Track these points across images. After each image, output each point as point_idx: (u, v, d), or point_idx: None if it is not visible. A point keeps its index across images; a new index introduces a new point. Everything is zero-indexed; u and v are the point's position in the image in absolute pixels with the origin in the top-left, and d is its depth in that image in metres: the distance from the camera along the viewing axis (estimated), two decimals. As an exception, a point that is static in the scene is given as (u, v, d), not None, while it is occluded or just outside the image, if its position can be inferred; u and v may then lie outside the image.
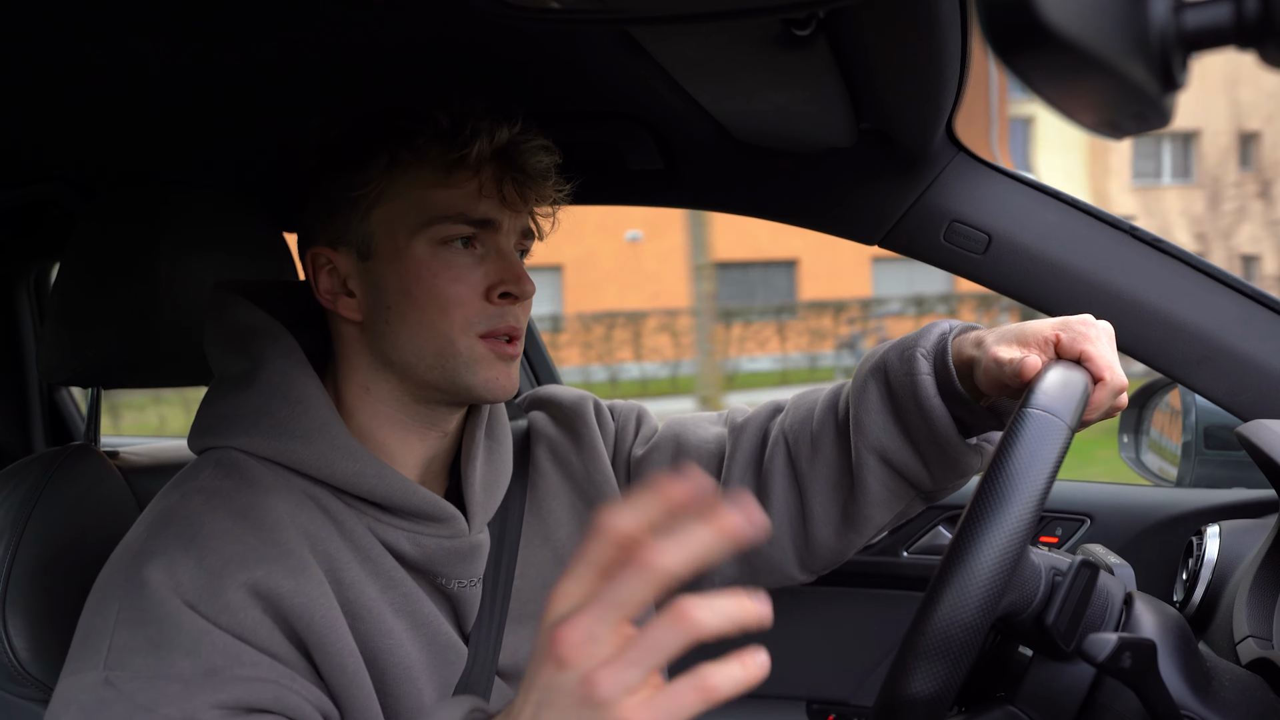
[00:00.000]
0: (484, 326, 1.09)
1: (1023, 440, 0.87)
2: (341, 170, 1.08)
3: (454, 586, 1.11)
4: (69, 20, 1.07)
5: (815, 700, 1.94)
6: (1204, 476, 1.76)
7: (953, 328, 1.17)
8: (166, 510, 1.00)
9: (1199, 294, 1.35)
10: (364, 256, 1.09)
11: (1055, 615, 0.93)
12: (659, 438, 1.33)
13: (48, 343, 1.37)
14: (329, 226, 1.10)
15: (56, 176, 1.66)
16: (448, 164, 1.07)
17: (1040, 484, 0.85)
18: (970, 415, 1.14)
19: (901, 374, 1.16)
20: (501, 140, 1.07)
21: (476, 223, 1.08)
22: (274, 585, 0.96)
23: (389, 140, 1.07)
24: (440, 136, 1.06)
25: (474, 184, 1.08)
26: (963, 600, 0.82)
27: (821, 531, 1.25)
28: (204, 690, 0.88)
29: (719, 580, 1.30)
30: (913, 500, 1.23)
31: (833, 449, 1.23)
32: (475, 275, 1.09)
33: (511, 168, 1.09)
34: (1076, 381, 0.95)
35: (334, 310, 1.11)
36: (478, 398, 1.11)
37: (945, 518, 1.84)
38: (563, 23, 0.90)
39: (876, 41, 1.03)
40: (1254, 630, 1.15)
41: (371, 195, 1.07)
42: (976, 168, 1.43)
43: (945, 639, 0.81)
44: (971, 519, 0.84)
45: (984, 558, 0.82)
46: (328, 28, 1.13)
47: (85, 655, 0.91)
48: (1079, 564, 0.94)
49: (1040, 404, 0.90)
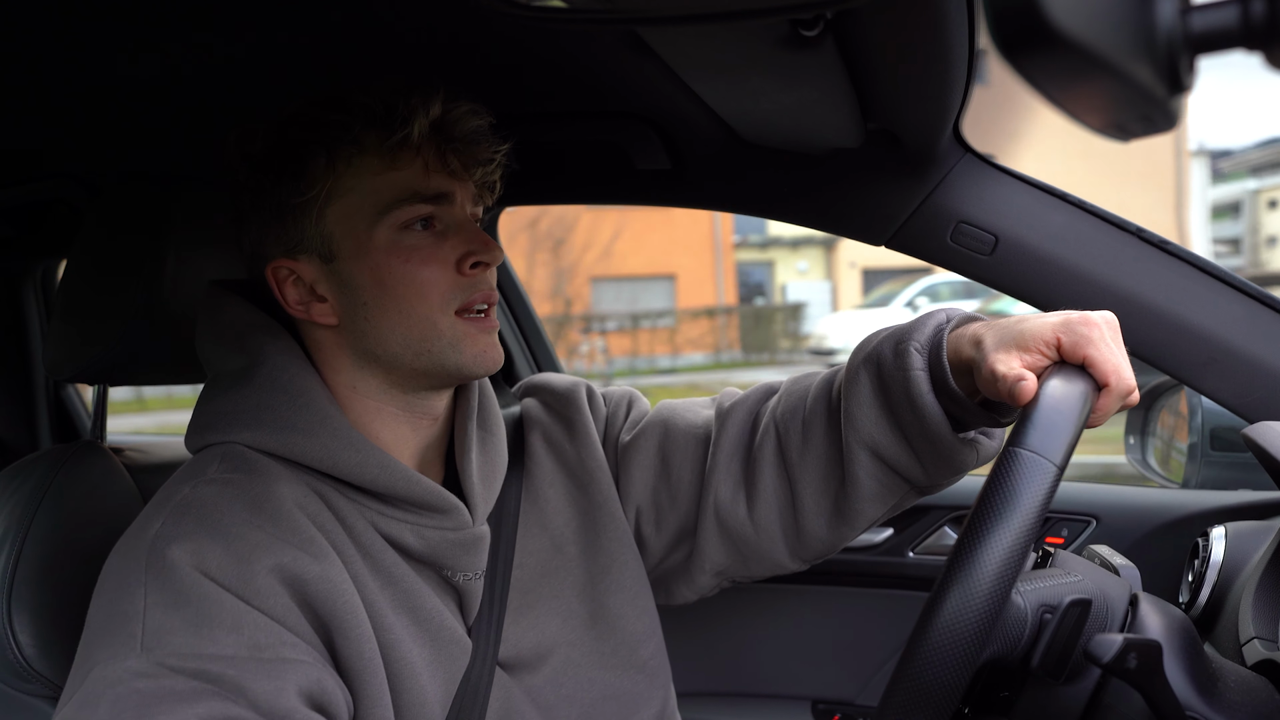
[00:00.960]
0: (460, 300, 1.09)
1: (1007, 484, 0.85)
2: (280, 178, 1.07)
3: (459, 579, 1.12)
4: (74, 19, 1.07)
5: (820, 700, 1.94)
6: (1210, 478, 1.76)
7: (950, 319, 1.13)
8: (181, 500, 0.99)
9: (1206, 296, 1.35)
10: (327, 259, 1.08)
11: (1041, 658, 0.92)
12: (646, 422, 1.33)
13: (54, 339, 1.37)
14: (281, 237, 1.08)
15: (63, 173, 1.67)
16: (390, 148, 1.06)
17: (1022, 534, 0.83)
18: (963, 411, 1.10)
19: (894, 368, 1.12)
20: (436, 114, 1.07)
21: (432, 198, 1.08)
22: (300, 570, 0.96)
23: (322, 137, 1.06)
24: (376, 122, 1.05)
25: (419, 162, 1.08)
26: (940, 656, 0.81)
27: (812, 523, 1.23)
28: (257, 669, 0.88)
29: (709, 567, 1.29)
30: (906, 494, 1.21)
31: (823, 440, 1.22)
32: (442, 252, 1.09)
33: (450, 139, 1.09)
34: (1072, 405, 0.91)
35: (307, 319, 1.10)
36: (468, 375, 1.11)
37: (951, 518, 1.84)
38: (570, 22, 0.90)
39: (884, 42, 1.03)
40: (1259, 632, 1.15)
41: (320, 196, 1.06)
42: (984, 169, 1.43)
43: (924, 694, 0.81)
44: (951, 568, 0.83)
45: (962, 611, 0.81)
46: (334, 26, 1.14)
47: (116, 642, 0.89)
48: (1067, 604, 0.93)
49: (1029, 443, 0.87)
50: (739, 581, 1.33)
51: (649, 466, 1.29)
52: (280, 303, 1.10)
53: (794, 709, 1.95)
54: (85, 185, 1.68)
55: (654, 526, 1.30)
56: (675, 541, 1.30)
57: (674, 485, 1.28)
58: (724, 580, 1.32)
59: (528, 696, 1.15)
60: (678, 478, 1.28)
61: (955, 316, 1.14)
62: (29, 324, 2.18)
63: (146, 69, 1.21)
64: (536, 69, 1.28)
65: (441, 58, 1.22)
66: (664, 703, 1.27)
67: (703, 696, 1.98)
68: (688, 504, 1.28)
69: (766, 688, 1.98)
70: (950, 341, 1.10)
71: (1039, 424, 0.88)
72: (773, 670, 1.97)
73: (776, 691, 1.97)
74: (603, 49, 1.20)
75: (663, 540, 1.30)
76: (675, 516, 1.29)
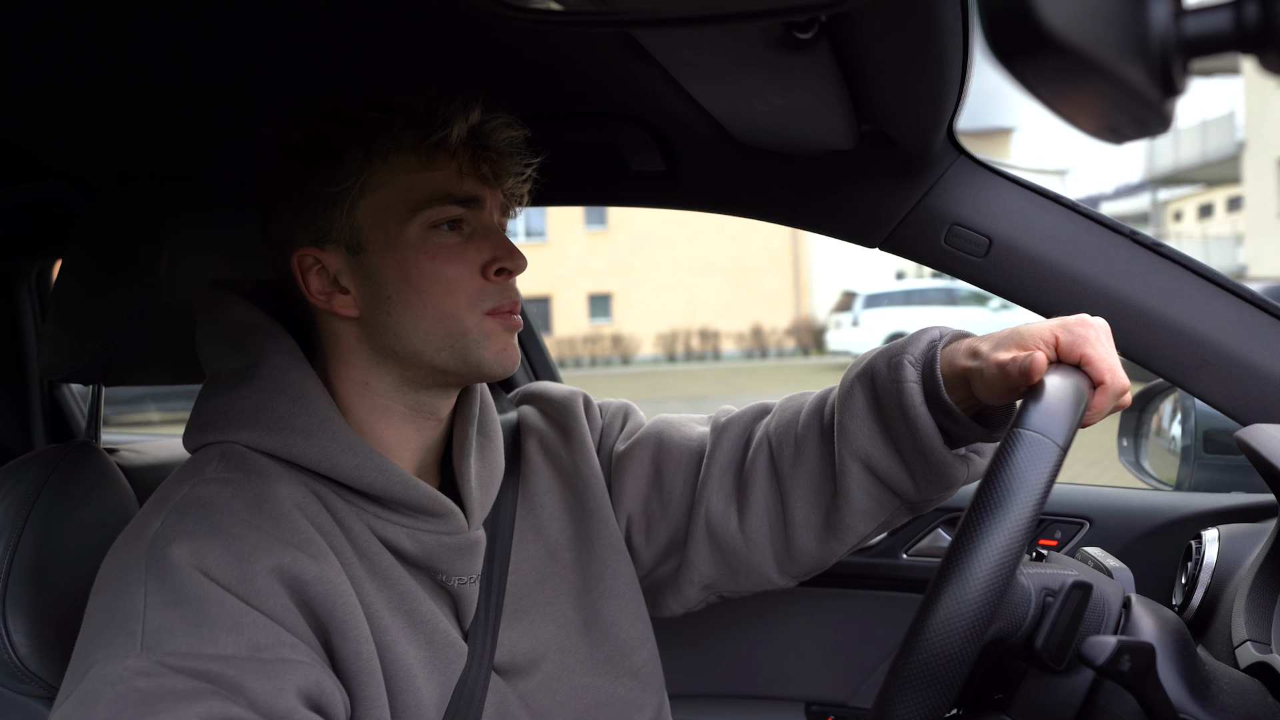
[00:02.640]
0: (489, 304, 1.10)
1: (1013, 463, 0.86)
2: (314, 169, 1.08)
3: (454, 583, 1.12)
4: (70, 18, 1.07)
5: (814, 702, 1.94)
6: (1203, 480, 1.76)
7: (943, 335, 1.15)
8: (181, 499, 0.99)
9: (1199, 298, 1.35)
10: (354, 251, 1.08)
11: (1045, 639, 0.93)
12: (641, 435, 1.33)
13: (49, 340, 1.37)
14: (310, 227, 1.09)
15: (58, 173, 1.66)
16: (428, 148, 1.07)
17: (1028, 510, 0.84)
18: (956, 426, 1.12)
19: (888, 381, 1.14)
20: (474, 121, 1.08)
21: (464, 201, 1.09)
22: (299, 571, 0.96)
23: (361, 132, 1.07)
24: (415, 122, 1.07)
25: (453, 165, 1.09)
26: (948, 631, 0.81)
27: (802, 537, 1.23)
28: (257, 669, 0.88)
29: (698, 580, 1.29)
30: (897, 510, 1.21)
31: (816, 454, 1.22)
32: (469, 254, 1.10)
33: (485, 146, 1.10)
34: (1072, 394, 0.93)
35: (329, 310, 1.11)
36: (488, 372, 1.12)
37: (945, 520, 1.85)
38: (565, 24, 0.90)
39: (878, 45, 1.03)
40: (1252, 634, 1.15)
41: (354, 189, 1.07)
42: (977, 171, 1.43)
43: (931, 668, 0.81)
44: (958, 545, 0.84)
45: (970, 587, 0.81)
46: (329, 27, 1.14)
47: (115, 641, 0.89)
48: (1070, 585, 0.94)
49: (1033, 424, 0.88)
50: (726, 596, 1.33)
51: (642, 476, 1.30)
52: (303, 292, 1.10)
53: (788, 711, 1.95)
54: (81, 185, 1.68)
55: (644, 536, 1.30)
56: (665, 553, 1.30)
57: (666, 496, 1.29)
58: (711, 594, 1.32)
59: (522, 702, 1.15)
60: (669, 488, 1.29)
61: (949, 333, 1.16)
62: (24, 324, 2.18)
63: (144, 71, 1.21)
64: (531, 71, 1.28)
65: (437, 59, 1.22)
66: (658, 709, 1.27)
67: (696, 699, 1.98)
68: (679, 516, 1.28)
69: (760, 689, 1.98)
70: (944, 355, 1.12)
71: (1042, 408, 0.90)
72: (767, 672, 1.97)
73: (770, 693, 1.97)
74: (597, 51, 1.20)
75: (652, 550, 1.30)
76: (666, 528, 1.29)
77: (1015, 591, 0.94)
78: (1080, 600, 0.94)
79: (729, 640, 1.98)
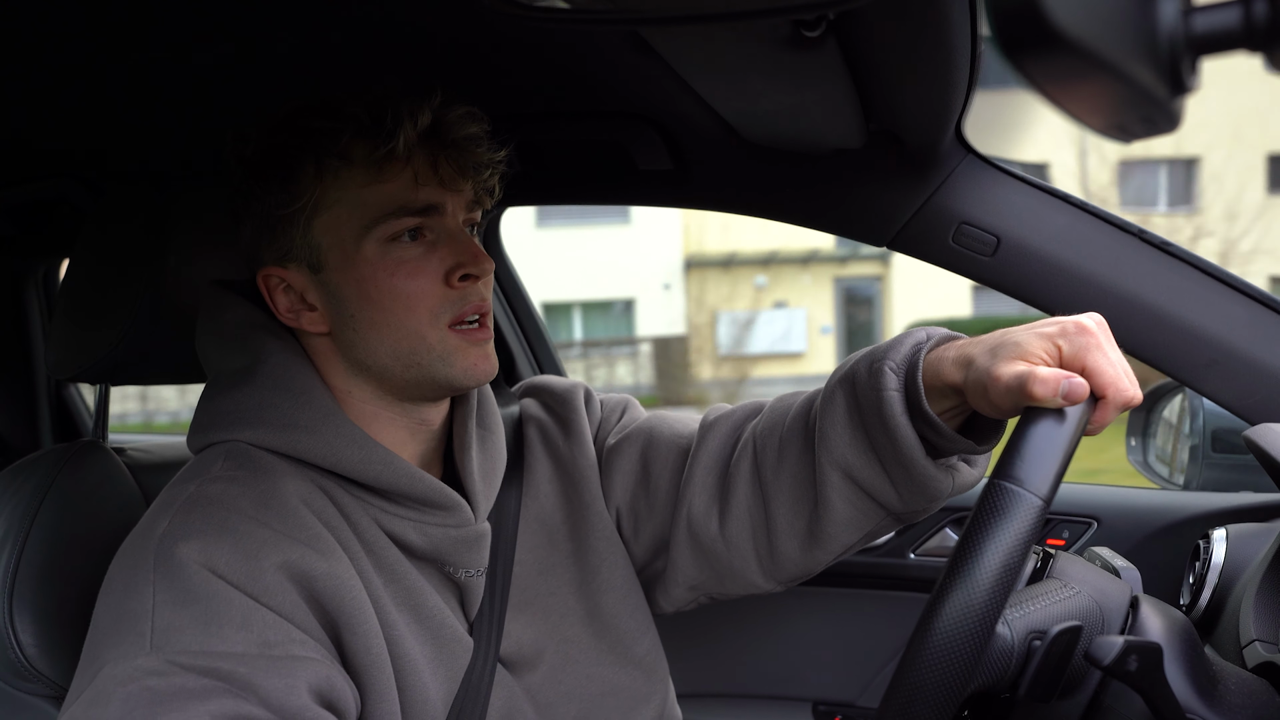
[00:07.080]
0: (451, 313, 1.08)
1: (986, 519, 0.82)
2: (269, 185, 1.06)
3: (461, 576, 1.12)
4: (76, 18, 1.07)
5: (821, 702, 1.94)
6: (1211, 480, 1.76)
7: (930, 337, 1.07)
8: (188, 498, 0.99)
9: (1207, 298, 1.35)
10: (315, 269, 1.07)
11: (1028, 688, 0.90)
12: (632, 430, 1.31)
13: (56, 339, 1.37)
14: (272, 245, 1.08)
15: (66, 173, 1.67)
16: (377, 160, 1.04)
17: (1000, 571, 0.80)
18: (939, 437, 1.04)
19: (868, 388, 1.06)
20: (425, 122, 1.05)
21: (420, 211, 1.06)
22: (307, 567, 0.96)
23: (310, 146, 1.05)
24: (362, 132, 1.04)
25: (408, 173, 1.06)
26: (921, 695, 0.80)
27: (785, 544, 1.19)
28: (267, 667, 0.88)
29: (683, 580, 1.26)
30: (882, 520, 1.15)
31: (797, 460, 1.17)
32: (431, 264, 1.07)
33: (442, 146, 1.07)
34: (1066, 428, 0.86)
35: (298, 327, 1.10)
36: (460, 387, 1.11)
37: (952, 519, 1.84)
38: (572, 23, 0.90)
39: (886, 43, 1.03)
40: (1260, 634, 1.15)
41: (307, 207, 1.05)
42: (985, 170, 1.43)
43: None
44: (934, 602, 0.81)
45: (942, 647, 0.79)
46: (337, 26, 1.14)
47: (125, 641, 0.89)
48: (1055, 634, 0.89)
49: (1015, 474, 0.83)
50: (716, 598, 1.30)
51: (630, 472, 1.28)
52: (272, 310, 1.10)
53: (795, 710, 1.94)
54: (88, 185, 1.68)
55: (633, 532, 1.28)
56: (653, 551, 1.29)
57: (652, 493, 1.27)
58: (700, 595, 1.29)
59: (527, 694, 1.15)
60: (656, 486, 1.27)
61: (935, 336, 1.08)
62: (31, 324, 2.18)
63: (150, 69, 1.21)
64: (539, 69, 1.28)
65: (444, 58, 1.22)
66: (664, 699, 1.27)
67: (704, 698, 1.98)
68: (664, 514, 1.26)
69: (768, 689, 1.98)
70: (928, 363, 1.03)
71: (1025, 453, 0.84)
72: (774, 671, 1.97)
73: (778, 693, 1.97)
74: (605, 49, 1.20)
75: (641, 547, 1.29)
76: (652, 525, 1.27)
77: (996, 645, 0.90)
78: (1068, 644, 0.90)
79: (736, 639, 1.98)
